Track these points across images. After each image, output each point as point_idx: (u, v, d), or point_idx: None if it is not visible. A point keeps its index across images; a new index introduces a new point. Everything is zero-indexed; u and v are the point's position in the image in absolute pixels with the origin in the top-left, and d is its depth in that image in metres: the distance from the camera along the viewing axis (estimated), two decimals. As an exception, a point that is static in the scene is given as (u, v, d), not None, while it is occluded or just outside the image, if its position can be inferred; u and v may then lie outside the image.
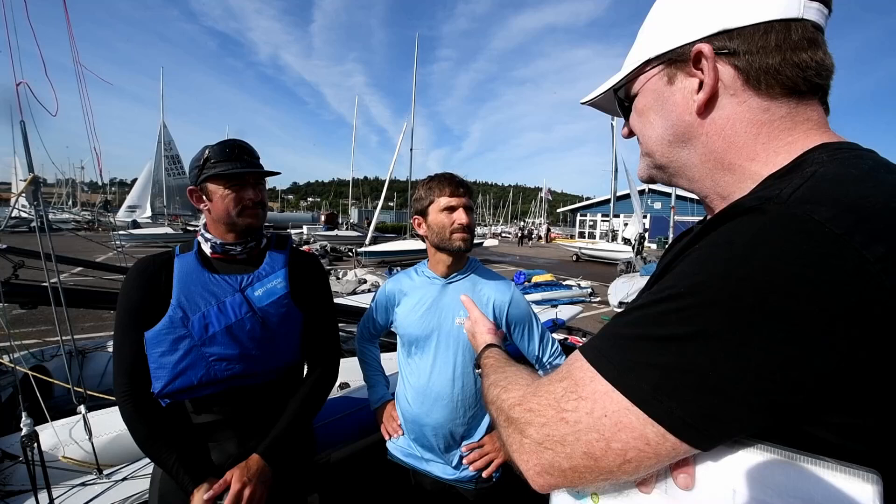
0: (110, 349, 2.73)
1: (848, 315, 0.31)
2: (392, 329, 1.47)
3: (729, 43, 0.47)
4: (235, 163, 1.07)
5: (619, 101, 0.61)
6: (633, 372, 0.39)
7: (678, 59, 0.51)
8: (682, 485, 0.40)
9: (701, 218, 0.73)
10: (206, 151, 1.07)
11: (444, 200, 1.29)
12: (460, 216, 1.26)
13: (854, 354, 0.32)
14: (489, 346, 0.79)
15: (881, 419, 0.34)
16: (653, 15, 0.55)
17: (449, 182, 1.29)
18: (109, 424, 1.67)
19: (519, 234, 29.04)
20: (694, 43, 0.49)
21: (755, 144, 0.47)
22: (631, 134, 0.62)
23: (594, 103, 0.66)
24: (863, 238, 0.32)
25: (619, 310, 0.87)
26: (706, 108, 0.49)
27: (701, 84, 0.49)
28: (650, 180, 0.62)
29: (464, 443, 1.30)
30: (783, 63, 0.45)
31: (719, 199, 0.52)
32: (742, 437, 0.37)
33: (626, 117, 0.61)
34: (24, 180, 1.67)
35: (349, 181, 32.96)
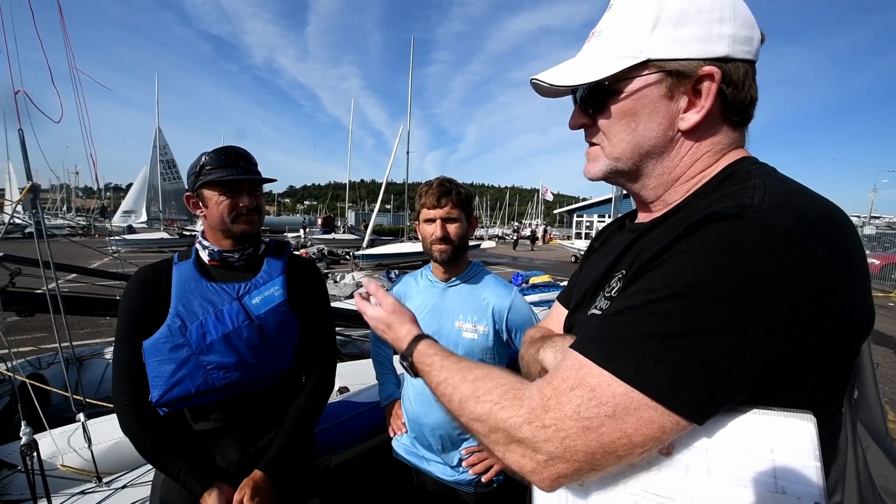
0: (108, 356, 2.71)
1: (812, 300, 0.39)
2: None
3: (729, 72, 0.49)
4: (231, 169, 1.07)
5: (590, 92, 0.55)
6: (648, 370, 0.41)
7: (683, 74, 0.49)
8: (665, 452, 0.44)
9: (621, 216, 0.76)
10: (203, 158, 1.08)
11: (423, 212, 1.31)
12: (435, 229, 1.28)
13: (819, 327, 0.40)
14: (419, 337, 0.67)
15: (835, 371, 0.43)
16: (657, 5, 0.50)
17: (430, 193, 1.29)
18: (108, 432, 1.67)
19: (515, 238, 26.32)
20: (702, 61, 0.49)
21: (706, 163, 0.53)
22: (581, 126, 0.59)
23: (539, 82, 0.58)
24: (814, 241, 0.40)
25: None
26: (692, 129, 0.52)
27: (691, 105, 0.51)
28: (604, 181, 0.60)
29: (463, 445, 1.30)
30: (749, 101, 0.52)
31: (664, 203, 0.57)
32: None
33: (588, 110, 0.57)
34: (22, 189, 1.67)
35: (346, 184, 32.93)
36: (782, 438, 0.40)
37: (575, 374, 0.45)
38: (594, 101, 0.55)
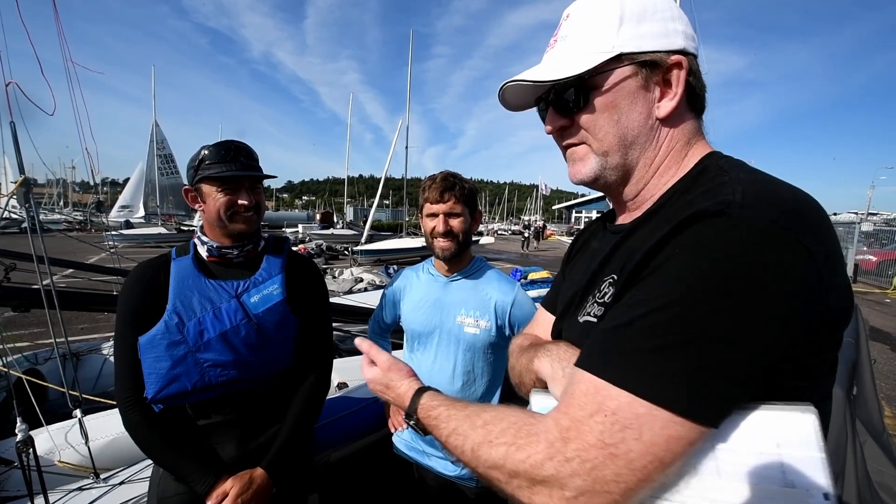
0: (105, 352, 2.70)
1: (809, 288, 0.40)
2: (400, 324, 1.48)
3: (691, 63, 0.53)
4: (231, 164, 1.05)
5: (565, 91, 0.56)
6: (668, 383, 0.40)
7: (655, 64, 0.53)
8: None
9: (599, 217, 0.75)
10: (203, 152, 1.06)
11: (426, 206, 1.30)
12: (438, 224, 1.27)
13: (817, 313, 0.41)
14: (420, 391, 0.64)
15: (827, 354, 0.45)
16: (620, 7, 0.53)
17: (434, 187, 1.28)
18: (106, 428, 1.66)
19: (526, 235, 23.90)
20: (672, 52, 0.53)
21: (680, 153, 0.56)
22: (562, 129, 0.59)
23: (505, 96, 0.61)
24: (800, 232, 0.41)
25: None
26: (669, 116, 0.54)
27: (664, 94, 0.54)
28: (593, 181, 0.59)
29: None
30: (703, 90, 0.56)
31: (643, 200, 0.58)
32: None
33: (565, 111, 0.57)
34: (15, 182, 1.65)
35: (344, 179, 32.82)
36: (786, 432, 0.40)
37: (592, 399, 0.42)
38: (575, 99, 0.56)
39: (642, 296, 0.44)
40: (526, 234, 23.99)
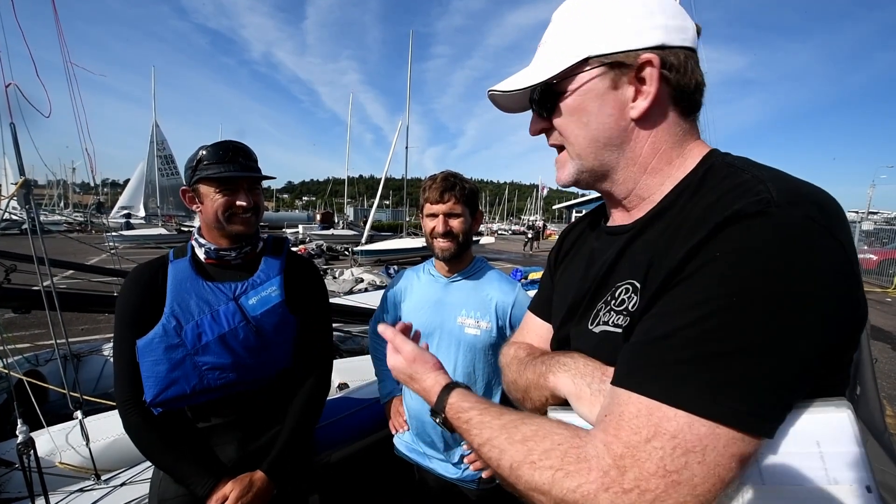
0: (105, 353, 2.70)
1: (849, 286, 0.40)
2: None
3: (667, 58, 0.51)
4: (229, 165, 1.04)
5: (540, 95, 0.58)
6: (725, 397, 0.37)
7: (624, 64, 0.52)
8: None
9: (585, 216, 0.74)
10: (201, 152, 1.05)
11: (427, 206, 1.30)
12: (437, 225, 1.27)
13: (855, 311, 0.41)
14: (448, 387, 0.60)
15: (850, 353, 0.43)
16: (589, 9, 0.54)
17: (434, 188, 1.27)
18: (106, 429, 1.66)
19: (530, 235, 23.81)
20: (640, 51, 0.51)
21: (671, 151, 0.54)
22: (541, 132, 0.61)
23: (497, 98, 0.62)
24: (836, 229, 0.40)
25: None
26: (643, 116, 0.52)
27: (638, 93, 0.52)
28: (575, 184, 0.60)
29: (464, 442, 1.30)
30: (694, 87, 0.53)
31: (638, 199, 0.57)
32: None
33: (544, 114, 0.59)
34: (15, 183, 1.65)
35: (344, 179, 32.82)
36: (825, 430, 0.40)
37: (646, 422, 0.39)
38: (546, 104, 0.58)
39: (683, 303, 0.41)
40: (530, 235, 23.80)
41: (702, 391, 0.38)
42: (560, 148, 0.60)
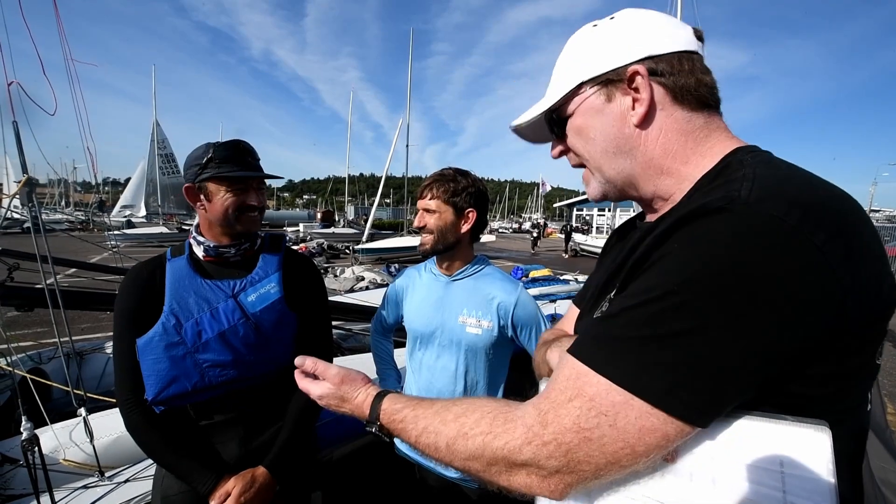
0: (108, 350, 2.71)
1: (814, 290, 0.38)
2: (402, 324, 1.48)
3: (656, 66, 0.54)
4: (241, 165, 1.05)
5: (552, 123, 0.64)
6: (646, 374, 0.40)
7: (615, 80, 0.56)
8: (669, 458, 0.43)
9: (634, 216, 0.78)
10: (210, 150, 1.04)
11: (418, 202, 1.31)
12: (416, 219, 1.28)
13: (825, 317, 0.38)
14: (379, 396, 0.63)
15: (851, 360, 0.41)
16: (578, 46, 0.60)
17: (424, 182, 1.28)
18: (110, 426, 1.67)
19: (535, 234, 23.60)
20: (627, 66, 0.55)
21: (685, 150, 0.55)
22: (562, 154, 0.66)
23: (521, 132, 0.68)
24: (809, 227, 0.38)
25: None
26: (644, 120, 0.55)
27: (635, 101, 0.55)
28: (604, 197, 0.64)
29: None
30: (697, 83, 0.54)
31: (661, 200, 0.59)
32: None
33: (559, 138, 0.65)
34: (18, 182, 1.65)
35: (345, 178, 32.82)
36: (794, 450, 0.38)
37: (573, 384, 0.44)
38: (556, 129, 0.64)
39: (637, 288, 0.45)
40: (535, 234, 23.72)
41: (628, 364, 0.41)
42: (581, 166, 0.65)
